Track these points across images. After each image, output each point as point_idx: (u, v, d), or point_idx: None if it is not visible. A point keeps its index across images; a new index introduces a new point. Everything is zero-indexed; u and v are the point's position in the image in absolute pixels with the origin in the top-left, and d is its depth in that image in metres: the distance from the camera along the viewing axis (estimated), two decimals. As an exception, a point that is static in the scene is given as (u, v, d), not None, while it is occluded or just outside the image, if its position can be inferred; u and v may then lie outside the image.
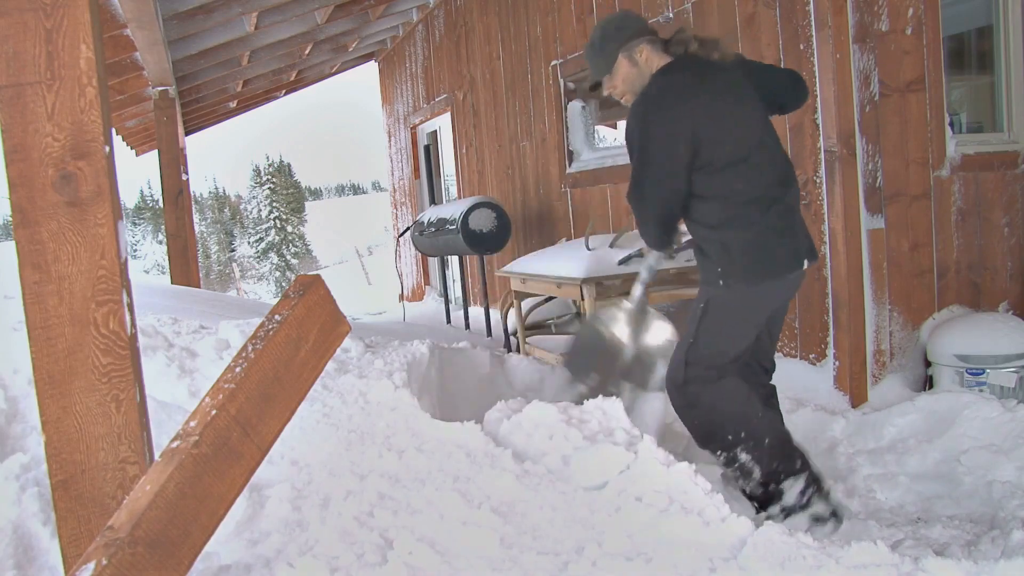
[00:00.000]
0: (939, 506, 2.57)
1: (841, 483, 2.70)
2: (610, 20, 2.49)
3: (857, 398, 3.37)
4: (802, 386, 3.48)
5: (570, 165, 5.74)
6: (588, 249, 4.24)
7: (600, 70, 2.47)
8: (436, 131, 9.04)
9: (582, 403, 2.37)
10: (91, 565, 1.11)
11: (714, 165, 2.24)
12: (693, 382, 2.36)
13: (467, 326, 6.87)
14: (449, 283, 8.43)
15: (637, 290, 2.65)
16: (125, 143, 9.14)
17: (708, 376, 2.34)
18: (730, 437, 2.33)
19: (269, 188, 45.53)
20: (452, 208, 6.23)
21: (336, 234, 48.15)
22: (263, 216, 45.00)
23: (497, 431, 2.24)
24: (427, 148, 8.70)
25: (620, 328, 2.72)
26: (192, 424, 1.30)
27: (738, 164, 2.24)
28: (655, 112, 2.24)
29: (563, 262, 4.29)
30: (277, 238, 43.80)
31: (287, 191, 48.91)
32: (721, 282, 2.29)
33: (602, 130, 5.69)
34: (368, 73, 11.01)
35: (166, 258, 6.88)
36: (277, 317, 1.48)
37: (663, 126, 2.23)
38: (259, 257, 43.83)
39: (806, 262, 2.34)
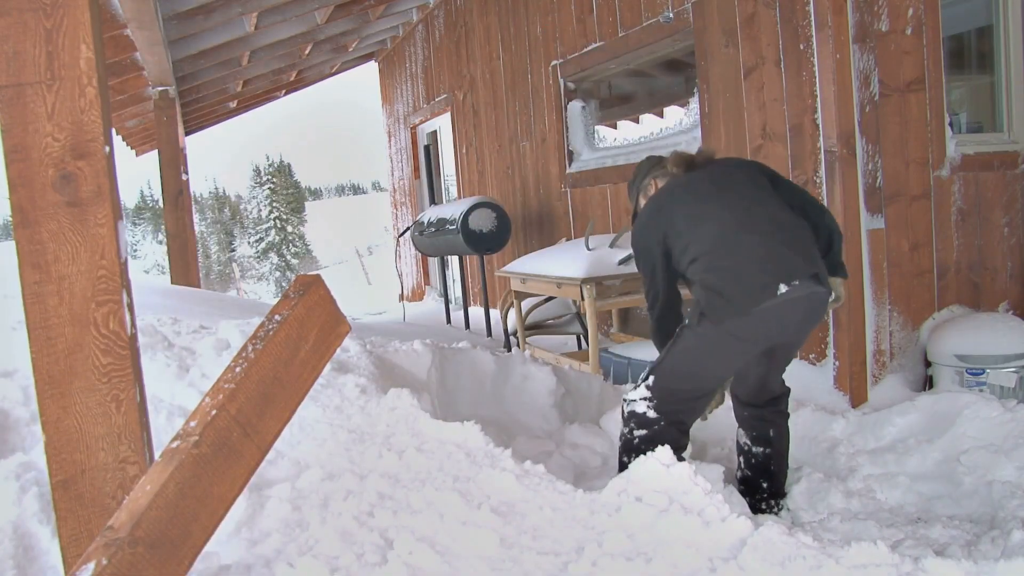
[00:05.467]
0: (939, 506, 2.56)
1: (841, 483, 2.70)
2: (639, 165, 2.82)
3: (857, 398, 3.37)
4: (802, 386, 3.48)
5: (570, 165, 5.74)
6: (588, 249, 4.25)
7: (635, 207, 2.81)
8: (436, 131, 9.04)
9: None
10: (91, 565, 1.11)
11: (683, 250, 2.39)
12: (638, 407, 2.42)
13: (467, 326, 6.87)
14: (449, 283, 8.43)
15: None
16: (125, 143, 9.14)
17: (653, 418, 2.39)
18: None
19: (269, 188, 45.53)
20: (452, 208, 6.23)
21: (336, 234, 48.13)
22: (263, 216, 45.00)
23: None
24: (427, 148, 8.70)
25: None
26: (192, 424, 1.30)
27: (689, 245, 2.37)
28: (637, 231, 2.58)
29: (563, 262, 4.29)
30: (277, 238, 43.80)
31: (287, 191, 48.91)
32: (687, 320, 2.41)
33: (602, 130, 5.70)
34: (368, 73, 11.01)
35: (166, 258, 6.88)
36: (277, 317, 1.48)
37: (642, 239, 2.55)
38: (259, 257, 43.83)
39: (784, 286, 2.21)
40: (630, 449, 2.39)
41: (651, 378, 2.43)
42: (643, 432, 2.38)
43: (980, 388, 3.20)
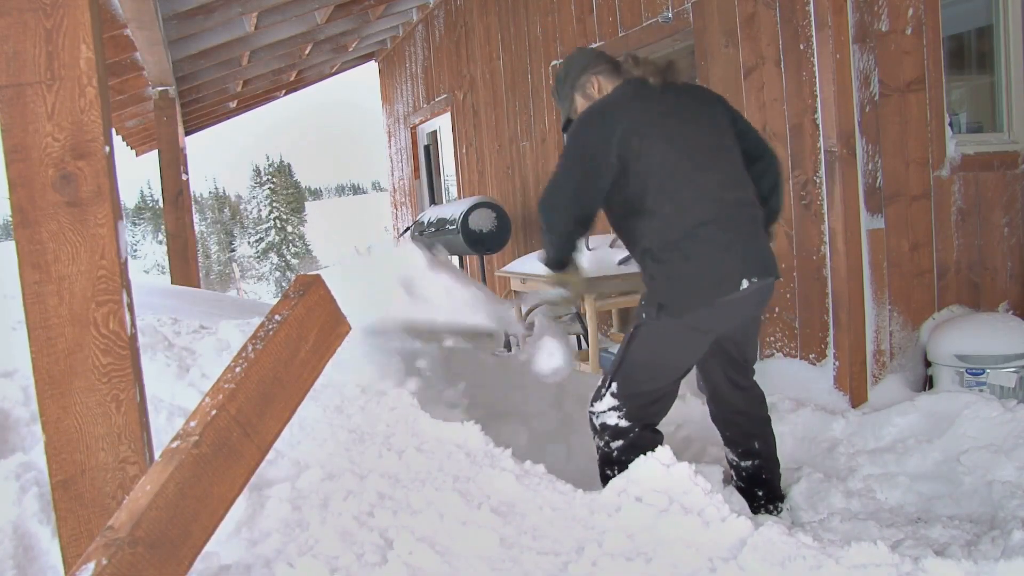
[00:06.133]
0: (939, 506, 2.56)
1: (841, 483, 2.70)
2: (563, 63, 2.56)
3: (857, 398, 3.37)
4: (802, 386, 3.48)
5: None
6: (588, 249, 4.25)
7: (565, 111, 2.55)
8: (436, 131, 9.04)
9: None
10: (91, 565, 1.11)
11: (643, 179, 2.20)
12: (609, 418, 2.31)
13: (467, 326, 6.86)
14: (449, 283, 8.42)
15: (534, 318, 2.62)
16: (125, 143, 9.14)
17: (626, 427, 2.29)
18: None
19: (269, 188, 45.55)
20: (452, 208, 6.23)
21: (336, 234, 48.13)
22: (263, 216, 45.03)
23: None
24: (427, 148, 8.70)
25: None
26: (192, 424, 1.30)
27: (668, 182, 2.19)
28: (587, 121, 2.29)
29: (563, 262, 4.29)
30: (277, 238, 43.82)
31: (287, 191, 48.93)
32: (644, 315, 2.25)
33: (602, 130, 5.68)
34: (368, 73, 11.02)
35: (166, 258, 6.87)
36: (277, 317, 1.48)
37: (591, 132, 2.25)
38: (259, 257, 43.85)
39: (746, 282, 2.19)
40: (611, 462, 2.31)
41: (613, 385, 2.32)
42: (620, 443, 2.30)
43: (980, 388, 3.20)
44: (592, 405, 2.36)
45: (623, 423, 2.30)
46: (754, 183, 2.38)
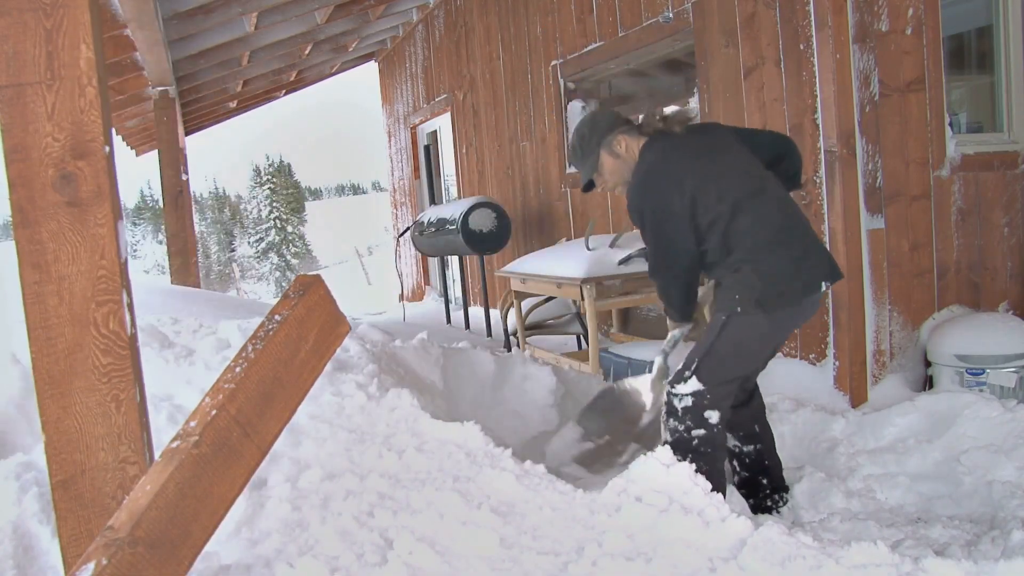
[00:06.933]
0: (939, 506, 2.56)
1: (841, 483, 2.70)
2: (583, 123, 2.64)
3: (857, 398, 3.37)
4: (802, 386, 3.48)
5: (570, 165, 5.74)
6: (588, 249, 4.25)
7: (588, 171, 2.61)
8: (436, 131, 9.04)
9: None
10: (91, 565, 1.11)
11: (713, 217, 2.34)
12: (689, 402, 2.36)
13: (467, 326, 6.86)
14: (449, 283, 8.43)
15: (659, 360, 2.69)
16: (125, 143, 9.14)
17: (713, 422, 2.34)
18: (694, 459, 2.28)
19: (269, 188, 45.51)
20: (452, 208, 6.23)
21: (336, 234, 48.13)
22: (263, 216, 44.99)
23: None
24: (427, 148, 8.70)
25: (642, 394, 2.76)
26: (192, 424, 1.30)
27: (737, 213, 2.32)
28: (649, 190, 2.41)
29: (563, 262, 4.29)
30: (277, 238, 43.79)
31: (287, 191, 48.88)
32: (739, 308, 2.32)
33: (602, 130, 5.69)
34: (368, 73, 11.01)
35: (166, 258, 6.88)
36: (277, 317, 1.48)
37: (659, 197, 2.38)
38: (259, 257, 43.82)
39: (824, 284, 2.39)
40: (687, 449, 2.32)
41: (701, 370, 2.35)
42: (702, 432, 2.33)
43: (980, 388, 3.20)
44: (674, 387, 2.39)
45: (711, 417, 2.34)
46: (787, 176, 2.58)
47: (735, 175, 2.39)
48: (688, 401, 2.34)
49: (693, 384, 2.34)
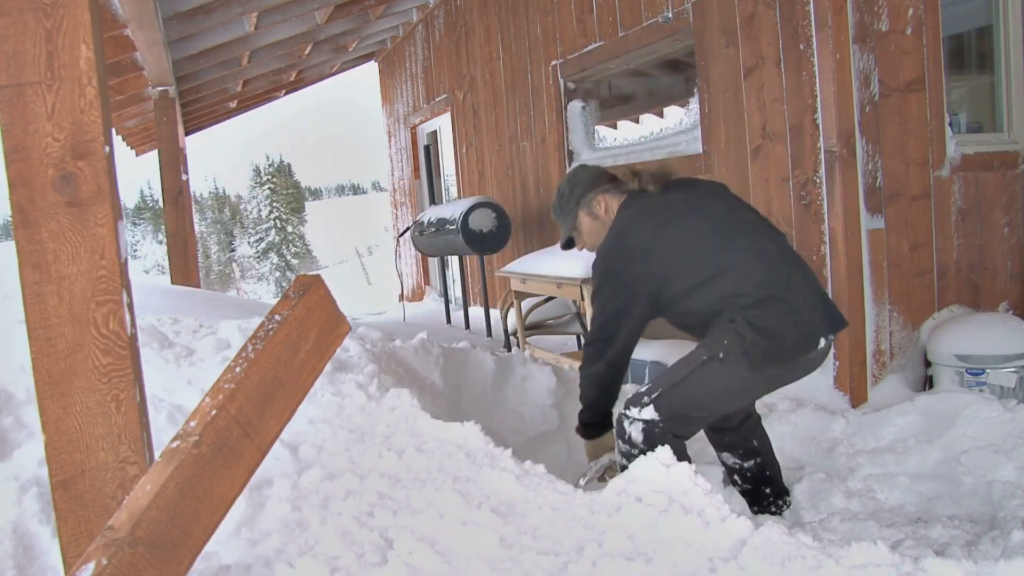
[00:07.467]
0: (939, 506, 2.56)
1: (841, 483, 2.70)
2: (565, 179, 2.57)
3: (857, 398, 3.37)
4: (802, 386, 3.45)
5: (570, 165, 5.74)
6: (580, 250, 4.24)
7: (567, 229, 2.54)
8: (436, 131, 9.04)
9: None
10: (91, 565, 1.10)
11: (691, 284, 2.21)
12: (637, 429, 2.22)
13: (467, 326, 6.87)
14: (449, 283, 8.44)
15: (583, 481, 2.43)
16: (125, 143, 9.14)
17: (652, 434, 2.20)
18: None
19: (269, 188, 45.53)
20: (452, 208, 6.23)
21: (336, 234, 48.13)
22: (263, 216, 45.00)
23: None
24: (427, 148, 8.70)
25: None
26: (192, 424, 1.30)
27: (718, 275, 2.19)
28: (614, 252, 2.30)
29: (563, 262, 4.29)
30: (277, 238, 43.81)
31: (287, 191, 48.90)
32: (722, 355, 2.15)
33: (602, 130, 5.70)
34: (368, 73, 11.02)
35: (166, 258, 6.88)
36: (277, 317, 1.48)
37: (622, 260, 2.27)
38: (259, 257, 43.84)
39: (823, 340, 2.23)
40: (629, 458, 2.22)
41: (660, 400, 2.21)
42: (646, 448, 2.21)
43: (980, 388, 3.20)
44: (628, 409, 2.26)
45: (655, 435, 2.20)
46: None
47: (714, 234, 2.25)
48: (639, 427, 2.22)
49: (649, 412, 2.21)
